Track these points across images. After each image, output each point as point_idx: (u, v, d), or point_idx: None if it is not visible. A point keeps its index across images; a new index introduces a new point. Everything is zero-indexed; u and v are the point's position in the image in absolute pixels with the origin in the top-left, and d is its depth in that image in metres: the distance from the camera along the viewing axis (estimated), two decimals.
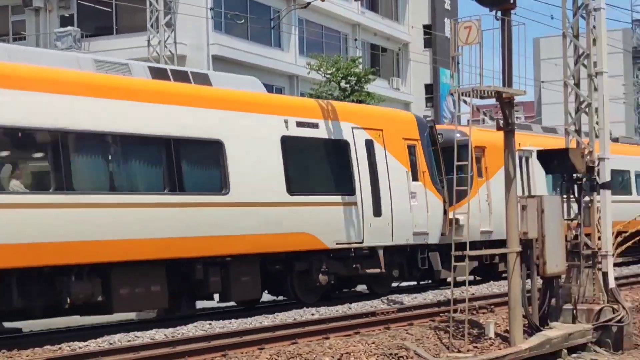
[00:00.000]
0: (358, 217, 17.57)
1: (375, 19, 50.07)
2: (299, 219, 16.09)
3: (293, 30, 42.40)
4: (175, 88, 15.56)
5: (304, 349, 12.59)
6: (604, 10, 15.99)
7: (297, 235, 15.62)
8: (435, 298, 18.77)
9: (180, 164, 15.08)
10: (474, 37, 13.98)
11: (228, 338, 13.55)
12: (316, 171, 17.72)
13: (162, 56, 32.42)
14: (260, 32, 39.22)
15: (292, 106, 17.89)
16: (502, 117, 14.75)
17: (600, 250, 15.49)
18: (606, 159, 15.57)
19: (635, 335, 16.02)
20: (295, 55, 42.51)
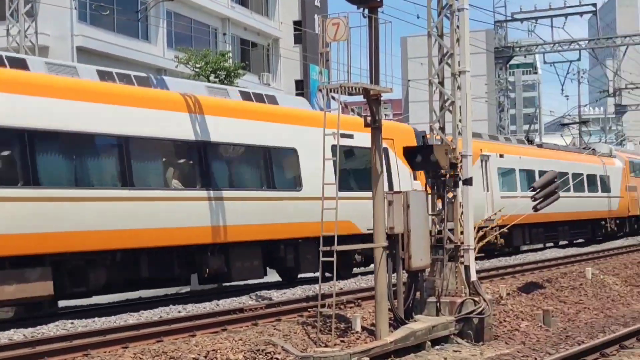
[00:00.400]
0: None
1: (245, 13, 49.90)
2: (345, 210, 17.49)
3: (161, 23, 41.72)
4: (267, 108, 20.55)
5: (170, 347, 12.39)
6: (467, 11, 16.34)
7: (344, 223, 17.36)
8: (303, 293, 18.87)
9: (273, 167, 20.15)
10: (342, 34, 14.08)
11: (90, 337, 13.23)
12: (353, 172, 22.73)
13: (22, 46, 31.27)
14: (127, 23, 38.40)
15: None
16: (370, 114, 14.91)
17: (463, 244, 15.87)
18: (468, 156, 15.95)
19: (495, 326, 16.52)
20: (163, 48, 41.87)
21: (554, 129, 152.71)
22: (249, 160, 19.94)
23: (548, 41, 47.23)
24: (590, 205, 38.56)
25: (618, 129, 75.82)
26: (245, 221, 18.89)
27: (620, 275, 25.77)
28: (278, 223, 19.81)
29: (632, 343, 13.87)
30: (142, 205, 16.76)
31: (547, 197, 20.44)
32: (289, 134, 20.48)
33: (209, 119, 18.39)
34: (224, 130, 18.74)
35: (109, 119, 16.31)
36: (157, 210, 17.01)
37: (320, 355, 12.55)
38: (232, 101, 19.86)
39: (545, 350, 13.53)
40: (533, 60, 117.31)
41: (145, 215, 16.77)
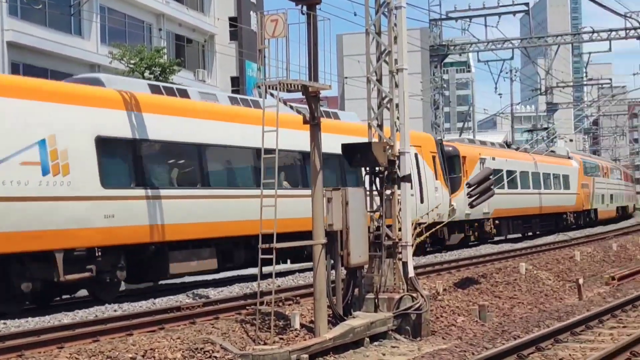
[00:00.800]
0: (415, 203, 26.08)
1: (181, 9, 49.48)
2: None
3: (94, 18, 41.10)
4: (334, 124, 23.77)
5: (106, 347, 12.20)
6: (405, 9, 16.44)
7: None
8: (241, 291, 18.79)
9: (345, 171, 23.72)
10: (281, 30, 14.02)
11: (24, 338, 12.95)
12: None
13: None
14: (59, 18, 37.72)
15: None
16: (309, 111, 14.89)
17: (401, 240, 15.97)
18: (406, 153, 16.05)
19: (432, 322, 16.67)
20: (96, 44, 41.26)
21: (487, 126, 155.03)
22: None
23: (482, 40, 47.84)
24: (557, 201, 45.45)
25: (549, 127, 77.15)
26: (296, 215, 20.68)
27: (552, 270, 26.27)
28: None
29: (566, 337, 14.10)
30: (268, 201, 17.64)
31: (483, 193, 20.70)
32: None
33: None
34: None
35: (240, 135, 20.61)
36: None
37: (260, 353, 12.50)
38: None
39: (482, 345, 13.67)
40: (467, 58, 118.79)
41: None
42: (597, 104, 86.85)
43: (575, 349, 13.23)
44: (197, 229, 19.15)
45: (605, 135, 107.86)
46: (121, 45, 37.50)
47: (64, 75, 23.53)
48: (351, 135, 22.22)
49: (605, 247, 34.59)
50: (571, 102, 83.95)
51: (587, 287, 23.85)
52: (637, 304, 18.07)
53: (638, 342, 12.84)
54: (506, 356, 12.20)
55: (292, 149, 21.19)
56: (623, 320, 16.26)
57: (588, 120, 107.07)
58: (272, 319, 13.95)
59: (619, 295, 20.13)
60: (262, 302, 14.45)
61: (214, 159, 20.61)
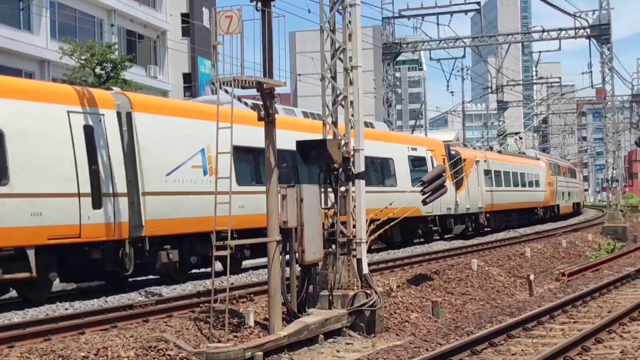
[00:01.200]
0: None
1: (132, 5, 49.03)
2: (415, 199, 25.02)
3: (44, 13, 40.54)
4: (386, 134, 32.86)
5: (58, 346, 12.02)
6: (359, 7, 16.49)
7: (414, 209, 27.64)
8: (194, 289, 18.67)
9: (383, 171, 30.39)
10: (235, 27, 13.95)
11: None
12: (415, 172, 31.90)
13: None
14: (8, 13, 37.13)
15: (409, 139, 35.80)
16: (263, 108, 14.84)
17: (355, 237, 16.01)
18: (361, 150, 16.09)
19: (386, 318, 16.74)
20: (46, 39, 40.73)
21: (438, 124, 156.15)
22: (374, 166, 29.33)
23: (434, 38, 48.09)
24: (530, 197, 51.86)
25: (500, 125, 78.02)
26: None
27: (504, 266, 26.55)
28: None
29: (519, 332, 14.26)
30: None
31: (436, 190, 20.83)
32: (389, 149, 30.79)
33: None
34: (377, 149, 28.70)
35: None
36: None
37: (214, 351, 12.46)
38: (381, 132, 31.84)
39: (436, 341, 13.77)
40: (419, 57, 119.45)
41: None
42: (546, 103, 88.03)
43: (527, 344, 13.39)
44: None
45: (554, 134, 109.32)
46: (72, 40, 37.04)
47: (13, 71, 23.12)
48: (393, 142, 32.08)
49: (554, 243, 35.08)
50: (521, 101, 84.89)
51: (537, 283, 24.15)
52: (587, 299, 18.35)
53: (589, 337, 13.04)
54: (460, 352, 12.29)
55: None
56: (574, 315, 16.50)
57: (537, 118, 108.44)
58: (226, 317, 13.88)
59: (569, 291, 20.41)
60: (216, 299, 14.36)
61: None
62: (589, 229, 46.08)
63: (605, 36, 46.48)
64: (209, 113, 18.39)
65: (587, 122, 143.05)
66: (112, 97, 18.65)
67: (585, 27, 46.47)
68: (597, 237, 41.87)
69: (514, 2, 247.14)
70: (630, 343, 12.51)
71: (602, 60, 47.73)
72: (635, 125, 73.64)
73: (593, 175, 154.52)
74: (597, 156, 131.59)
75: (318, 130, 17.96)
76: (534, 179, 52.78)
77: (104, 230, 17.48)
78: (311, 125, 24.20)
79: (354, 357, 13.24)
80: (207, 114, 19.30)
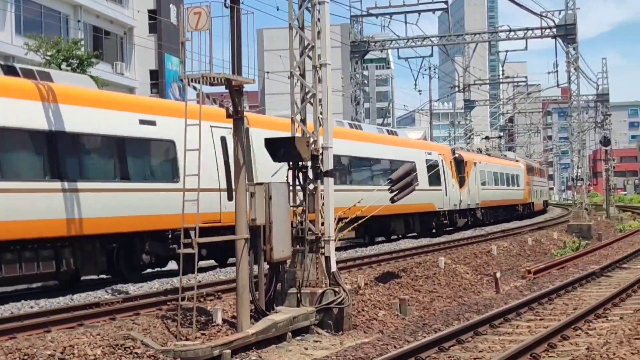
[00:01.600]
0: (442, 196, 38.96)
1: (99, 1, 48.66)
2: (431, 196, 35.58)
3: (9, 8, 40.08)
4: (411, 142, 39.53)
5: (24, 344, 11.90)
6: (328, 4, 16.47)
7: (430, 205, 36.65)
8: (161, 287, 18.58)
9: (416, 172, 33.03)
10: (204, 23, 13.89)
11: None
12: (432, 174, 37.14)
13: None
14: None
15: (425, 145, 41.59)
16: (232, 105, 14.80)
17: (323, 235, 16.01)
18: (329, 148, 16.09)
19: (354, 316, 16.77)
20: (11, 35, 40.28)
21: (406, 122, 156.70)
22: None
23: (402, 37, 48.25)
24: (513, 195, 58.47)
25: (466, 124, 78.44)
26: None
27: (470, 264, 26.72)
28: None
29: (485, 329, 14.35)
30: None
31: (404, 189, 20.88)
32: (410, 153, 35.75)
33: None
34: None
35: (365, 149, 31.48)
36: None
37: (181, 349, 12.40)
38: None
39: (403, 339, 13.82)
40: (386, 55, 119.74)
41: None
42: (512, 102, 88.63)
43: (494, 341, 13.48)
44: None
45: (520, 133, 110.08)
46: (37, 36, 36.67)
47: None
48: (416, 149, 37.86)
49: (520, 241, 35.36)
50: (488, 100, 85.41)
51: (504, 280, 24.34)
52: (553, 297, 18.51)
53: (555, 333, 13.15)
54: (427, 349, 12.35)
55: None
56: (540, 312, 16.64)
57: (504, 117, 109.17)
58: (194, 315, 13.83)
59: (535, 289, 20.58)
60: (183, 297, 14.29)
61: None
62: (555, 227, 46.53)
63: (571, 36, 46.92)
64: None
65: (553, 121, 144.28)
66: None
67: (552, 26, 46.87)
68: (562, 235, 42.30)
69: (481, 1, 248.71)
70: (596, 340, 12.64)
71: (567, 60, 48.17)
72: (600, 125, 74.31)
73: (558, 174, 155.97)
74: (562, 155, 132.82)
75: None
76: (516, 179, 59.44)
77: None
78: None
79: (322, 354, 13.24)
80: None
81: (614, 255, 28.80)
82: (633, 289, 19.11)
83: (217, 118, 19.83)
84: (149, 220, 19.59)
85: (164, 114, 20.53)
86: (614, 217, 64.93)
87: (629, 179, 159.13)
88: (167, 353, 12.27)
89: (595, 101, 75.77)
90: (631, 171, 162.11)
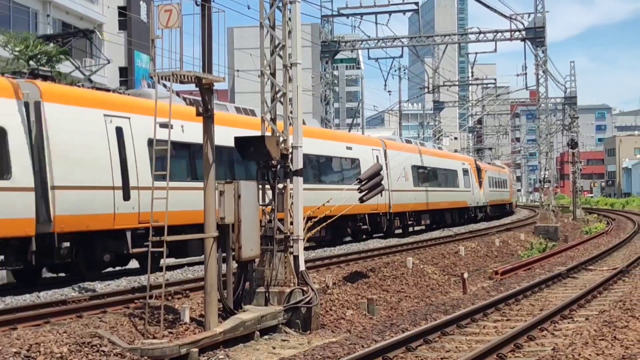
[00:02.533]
0: (471, 195, 52.56)
1: None
2: (465, 195, 50.85)
3: None
4: (453, 155, 56.76)
5: None
6: (299, 4, 16.50)
7: (464, 202, 51.03)
8: (129, 285, 18.48)
9: (448, 178, 48.90)
10: (175, 21, 13.83)
11: None
12: (465, 180, 51.91)
13: None
14: None
15: (459, 156, 57.48)
16: (202, 103, 14.76)
17: (292, 234, 16.02)
18: (299, 147, 16.10)
19: (322, 315, 16.79)
20: None
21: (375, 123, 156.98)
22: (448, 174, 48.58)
23: (372, 37, 48.36)
24: (505, 196, 71.60)
25: (435, 125, 78.80)
26: None
27: (438, 264, 26.85)
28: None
29: (453, 330, 14.44)
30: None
31: (373, 188, 20.95)
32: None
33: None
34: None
35: None
36: None
37: (149, 347, 12.34)
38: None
39: (371, 338, 13.86)
40: (357, 55, 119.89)
41: None
42: (481, 103, 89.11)
43: (461, 341, 13.56)
44: None
45: (489, 134, 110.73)
46: (5, 32, 36.26)
47: None
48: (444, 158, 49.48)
49: (488, 242, 35.60)
50: (457, 101, 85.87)
51: (471, 281, 24.49)
52: (520, 297, 18.65)
53: (521, 334, 13.26)
54: (395, 349, 12.40)
55: None
56: (506, 313, 16.76)
57: (472, 119, 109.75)
58: (162, 313, 13.78)
59: (502, 289, 20.72)
60: (151, 295, 14.23)
61: None
62: (522, 229, 46.91)
63: (540, 39, 47.32)
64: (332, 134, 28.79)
65: (521, 123, 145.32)
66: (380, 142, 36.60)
67: (521, 29, 47.23)
68: (529, 236, 42.66)
69: (451, 3, 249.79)
70: (562, 340, 12.76)
71: (536, 62, 48.58)
72: (568, 127, 74.96)
73: (526, 176, 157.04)
74: (530, 157, 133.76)
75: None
76: (506, 183, 73.62)
77: (385, 206, 35.26)
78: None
79: (289, 353, 13.25)
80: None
81: (580, 257, 29.07)
82: (599, 290, 19.32)
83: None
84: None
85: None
86: (580, 219, 65.62)
87: (595, 181, 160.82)
88: (134, 351, 12.20)
89: (563, 104, 76.38)
90: (598, 174, 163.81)
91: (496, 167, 72.10)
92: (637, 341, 12.38)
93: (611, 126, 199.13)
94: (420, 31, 52.29)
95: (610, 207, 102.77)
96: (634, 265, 24.84)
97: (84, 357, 11.81)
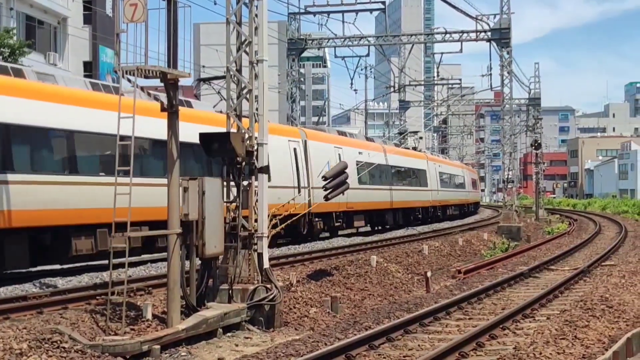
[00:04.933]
0: (468, 195, 73.43)
1: None
2: (475, 196, 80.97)
3: None
4: (461, 165, 79.02)
5: None
6: (266, 1, 16.44)
7: (468, 200, 72.96)
8: (91, 281, 18.33)
9: (457, 182, 70.65)
10: (140, 15, 13.71)
11: None
12: (474, 183, 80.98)
13: None
14: None
15: (467, 167, 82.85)
16: (167, 99, 14.64)
17: (257, 232, 15.97)
18: (264, 144, 16.06)
19: (286, 313, 16.77)
20: None
21: (341, 121, 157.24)
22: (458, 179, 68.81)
23: (339, 36, 48.41)
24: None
25: (401, 124, 79.06)
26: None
27: (402, 263, 26.93)
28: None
29: (415, 328, 14.48)
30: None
31: (338, 187, 20.95)
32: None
33: None
34: None
35: None
36: None
37: (110, 344, 12.24)
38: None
39: (334, 336, 13.85)
40: (323, 53, 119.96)
41: None
42: (446, 103, 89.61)
43: (424, 339, 13.61)
44: None
45: (453, 134, 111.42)
46: None
47: None
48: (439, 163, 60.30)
49: (451, 241, 35.78)
50: (422, 101, 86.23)
51: (434, 280, 24.57)
52: (482, 296, 18.76)
53: (483, 333, 13.34)
54: (358, 347, 12.40)
55: None
56: (469, 312, 16.85)
57: (438, 118, 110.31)
58: (124, 309, 13.65)
59: (464, 288, 20.83)
60: (113, 292, 14.11)
61: None
62: (485, 229, 47.20)
63: (505, 40, 47.65)
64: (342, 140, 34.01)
65: (485, 123, 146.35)
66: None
67: (487, 30, 47.54)
68: (492, 236, 42.94)
69: (418, 3, 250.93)
70: (523, 339, 12.85)
71: (501, 63, 48.89)
72: (532, 128, 75.62)
73: (489, 176, 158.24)
74: (493, 157, 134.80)
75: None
76: (478, 185, 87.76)
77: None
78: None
79: (252, 351, 13.20)
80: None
81: (542, 257, 29.32)
82: (560, 290, 19.49)
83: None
84: None
85: None
86: (542, 219, 66.22)
87: (558, 182, 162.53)
88: (95, 348, 12.09)
89: (527, 105, 77.06)
90: (560, 175, 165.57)
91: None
92: (597, 340, 12.52)
93: (574, 128, 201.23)
94: (386, 30, 52.39)
95: (573, 207, 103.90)
96: (595, 265, 25.11)
97: (44, 353, 11.67)
